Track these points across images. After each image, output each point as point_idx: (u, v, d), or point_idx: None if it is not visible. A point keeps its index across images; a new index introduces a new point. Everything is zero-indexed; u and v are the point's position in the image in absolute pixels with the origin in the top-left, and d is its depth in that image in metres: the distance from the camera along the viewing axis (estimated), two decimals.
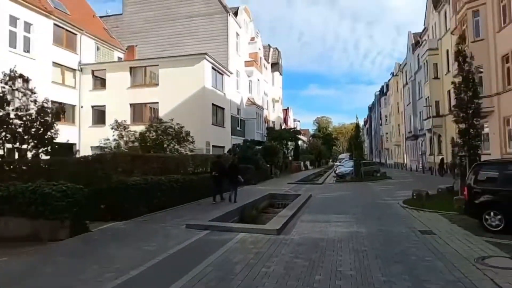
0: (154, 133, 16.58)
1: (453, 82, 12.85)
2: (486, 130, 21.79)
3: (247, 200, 13.44)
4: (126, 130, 16.95)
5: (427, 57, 31.62)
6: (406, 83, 45.66)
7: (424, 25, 35.26)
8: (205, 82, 23.23)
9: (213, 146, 24.04)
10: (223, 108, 26.32)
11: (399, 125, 52.35)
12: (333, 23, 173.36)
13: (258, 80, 34.47)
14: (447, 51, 29.12)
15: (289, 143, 38.98)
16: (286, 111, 64.58)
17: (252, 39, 34.60)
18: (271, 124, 42.03)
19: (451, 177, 23.73)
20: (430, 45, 31.41)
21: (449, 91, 29.01)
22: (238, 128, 29.99)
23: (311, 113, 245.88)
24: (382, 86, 72.36)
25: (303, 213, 11.40)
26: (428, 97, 31.52)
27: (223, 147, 25.90)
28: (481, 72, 21.11)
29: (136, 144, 16.53)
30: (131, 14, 31.35)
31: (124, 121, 18.30)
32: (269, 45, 44.92)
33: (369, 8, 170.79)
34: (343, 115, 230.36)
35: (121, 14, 31.86)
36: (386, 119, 63.36)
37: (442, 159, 27.99)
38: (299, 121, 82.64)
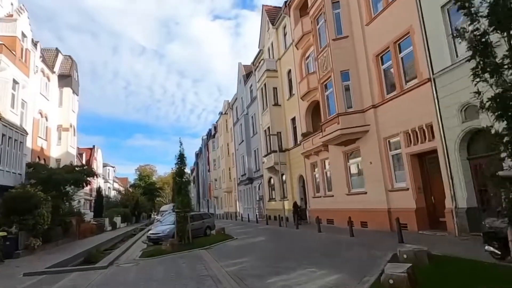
0: None
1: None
2: (357, 160, 15.79)
3: None
4: None
5: (265, 80, 26.01)
6: (238, 120, 40.29)
7: (259, 47, 30.59)
8: None
9: None
10: None
11: (229, 168, 46.16)
12: (160, 76, 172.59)
13: (16, 83, 20.17)
14: (289, 71, 24.07)
15: (74, 189, 24.92)
16: (91, 150, 48.85)
17: (10, 16, 20.66)
18: (53, 163, 26.95)
19: (314, 229, 16.53)
20: (269, 66, 26.12)
21: (293, 119, 23.44)
22: None
23: (136, 163, 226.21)
24: (210, 129, 67.25)
25: None
26: (269, 127, 25.42)
27: None
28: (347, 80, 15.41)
29: None
30: None
31: None
32: (56, 48, 30.97)
33: (194, 67, 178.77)
34: (170, 165, 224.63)
35: None
36: (215, 164, 57.00)
37: (295, 204, 21.14)
38: (113, 167, 66.58)
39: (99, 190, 39.20)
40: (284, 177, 24.72)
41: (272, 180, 28.56)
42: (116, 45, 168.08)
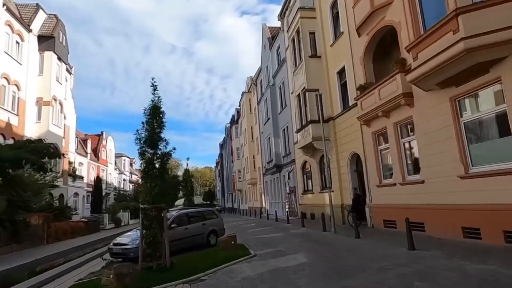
0: None
1: None
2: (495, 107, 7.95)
3: None
4: None
5: (299, 23, 18.46)
6: (262, 95, 33.05)
7: None
8: None
9: None
10: None
11: (254, 156, 39.09)
12: (189, 74, 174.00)
13: None
14: (334, 3, 16.43)
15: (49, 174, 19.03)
16: (98, 137, 43.49)
17: None
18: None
19: (386, 237, 8.94)
20: (303, 3, 18.55)
21: (341, 71, 15.88)
22: None
23: None
24: (233, 115, 60.65)
25: None
26: (304, 89, 17.90)
27: None
28: None
29: None
30: None
31: None
32: (37, 4, 25.07)
33: (222, 64, 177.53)
34: (198, 161, 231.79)
35: None
36: (238, 153, 50.14)
37: (357, 197, 13.63)
38: (129, 158, 61.48)
39: (97, 180, 33.43)
40: (328, 159, 17.17)
41: (307, 165, 21.12)
42: (147, 45, 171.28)
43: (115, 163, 52.18)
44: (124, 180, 56.73)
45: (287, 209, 23.93)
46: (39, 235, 17.04)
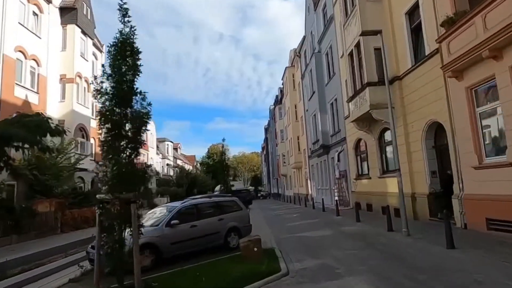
0: None
1: None
2: None
3: None
4: None
5: None
6: (306, 66, 28.79)
7: None
8: None
9: None
10: None
11: (298, 137, 35.16)
12: (237, 61, 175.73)
13: None
14: None
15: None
16: None
17: None
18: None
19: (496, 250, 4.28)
20: None
21: (411, 11, 11.45)
22: None
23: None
24: (276, 96, 56.94)
25: None
26: (358, 43, 13.66)
27: None
28: None
29: None
30: None
31: None
32: None
33: (269, 49, 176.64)
34: (245, 146, 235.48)
35: None
36: (282, 135, 46.45)
37: (449, 179, 9.52)
38: (172, 142, 60.66)
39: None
40: (392, 133, 12.95)
41: (362, 144, 16.93)
42: (196, 35, 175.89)
43: (157, 147, 51.41)
44: (167, 165, 56.10)
45: (336, 198, 20.03)
46: (50, 224, 15.15)
